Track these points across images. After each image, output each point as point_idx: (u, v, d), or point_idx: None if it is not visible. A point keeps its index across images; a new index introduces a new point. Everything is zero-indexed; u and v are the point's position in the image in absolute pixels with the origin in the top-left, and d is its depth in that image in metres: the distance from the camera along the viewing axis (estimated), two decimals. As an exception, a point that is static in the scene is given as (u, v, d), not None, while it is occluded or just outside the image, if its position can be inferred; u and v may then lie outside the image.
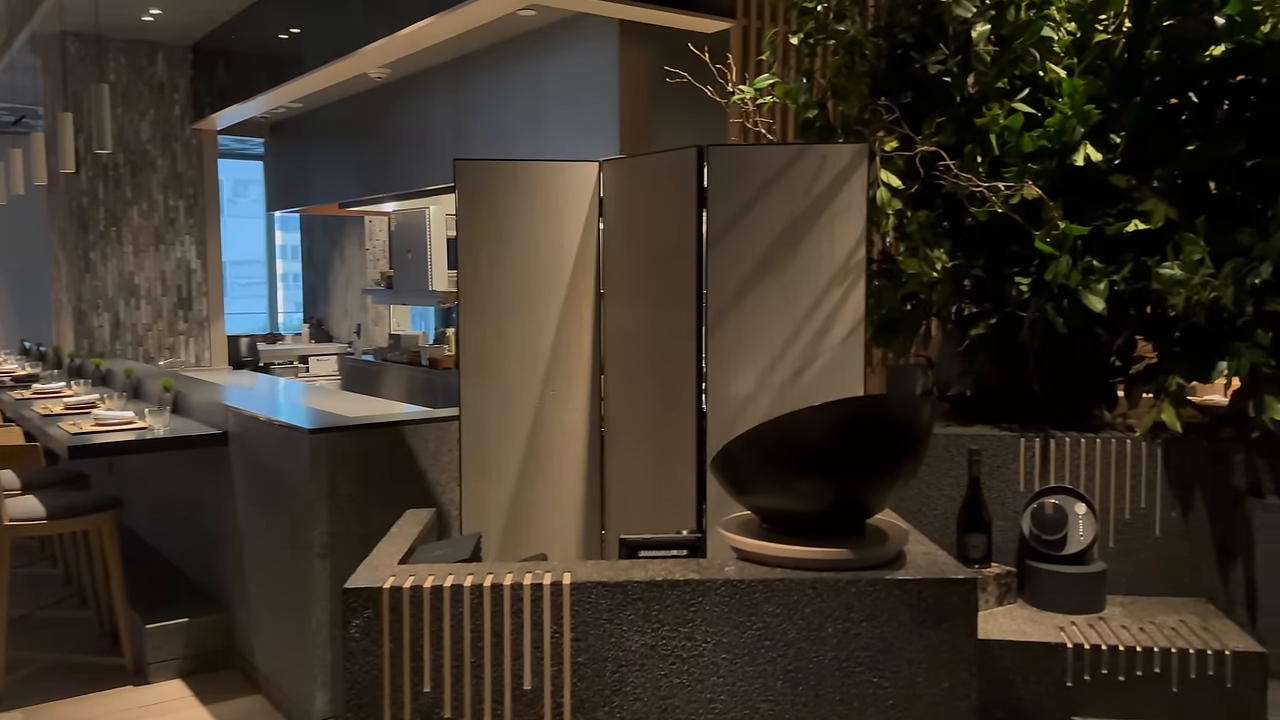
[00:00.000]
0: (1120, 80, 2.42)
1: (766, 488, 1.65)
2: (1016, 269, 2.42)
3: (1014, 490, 2.39)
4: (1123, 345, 2.66)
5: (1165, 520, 2.34)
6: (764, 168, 2.22)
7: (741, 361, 2.25)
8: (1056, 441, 2.38)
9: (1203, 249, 2.21)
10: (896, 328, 2.66)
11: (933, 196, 2.57)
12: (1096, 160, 2.34)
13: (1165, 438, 2.34)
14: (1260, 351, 2.20)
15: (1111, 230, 2.33)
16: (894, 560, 1.65)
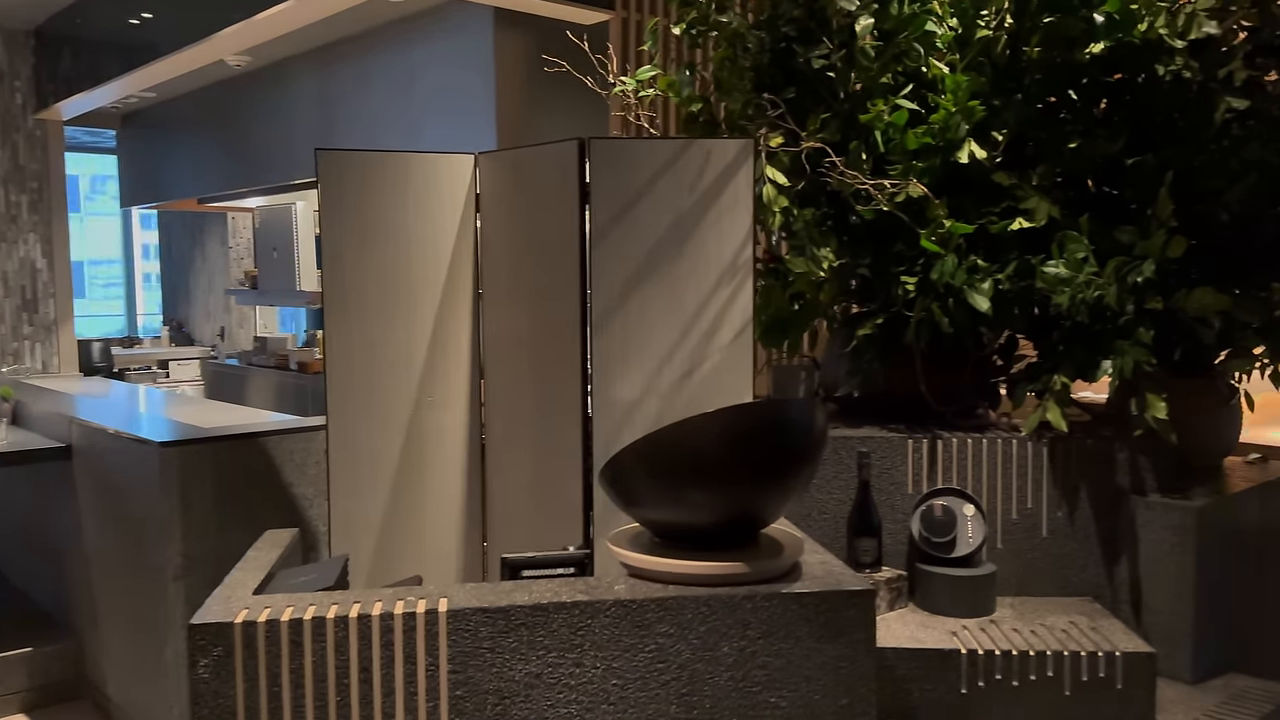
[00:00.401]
0: (1002, 77, 2.42)
1: (658, 500, 1.55)
2: (902, 268, 2.39)
3: (903, 493, 2.36)
4: (1005, 344, 2.67)
5: (1052, 520, 2.35)
6: (648, 162, 2.13)
7: (628, 364, 2.15)
8: (944, 442, 2.36)
9: (1086, 247, 2.23)
10: (785, 328, 2.61)
11: (819, 194, 2.53)
12: (981, 158, 2.33)
13: (1051, 437, 2.35)
14: (1142, 350, 2.22)
15: (996, 229, 2.33)
16: (790, 572, 1.58)
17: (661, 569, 1.52)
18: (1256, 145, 2.25)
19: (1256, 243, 2.38)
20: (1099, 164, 2.46)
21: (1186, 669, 2.18)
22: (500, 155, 2.32)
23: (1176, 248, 2.20)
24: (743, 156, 2.16)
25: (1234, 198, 2.28)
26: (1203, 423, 2.57)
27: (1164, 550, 2.23)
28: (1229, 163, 2.29)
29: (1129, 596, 2.29)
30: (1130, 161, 2.33)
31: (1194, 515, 2.19)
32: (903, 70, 2.46)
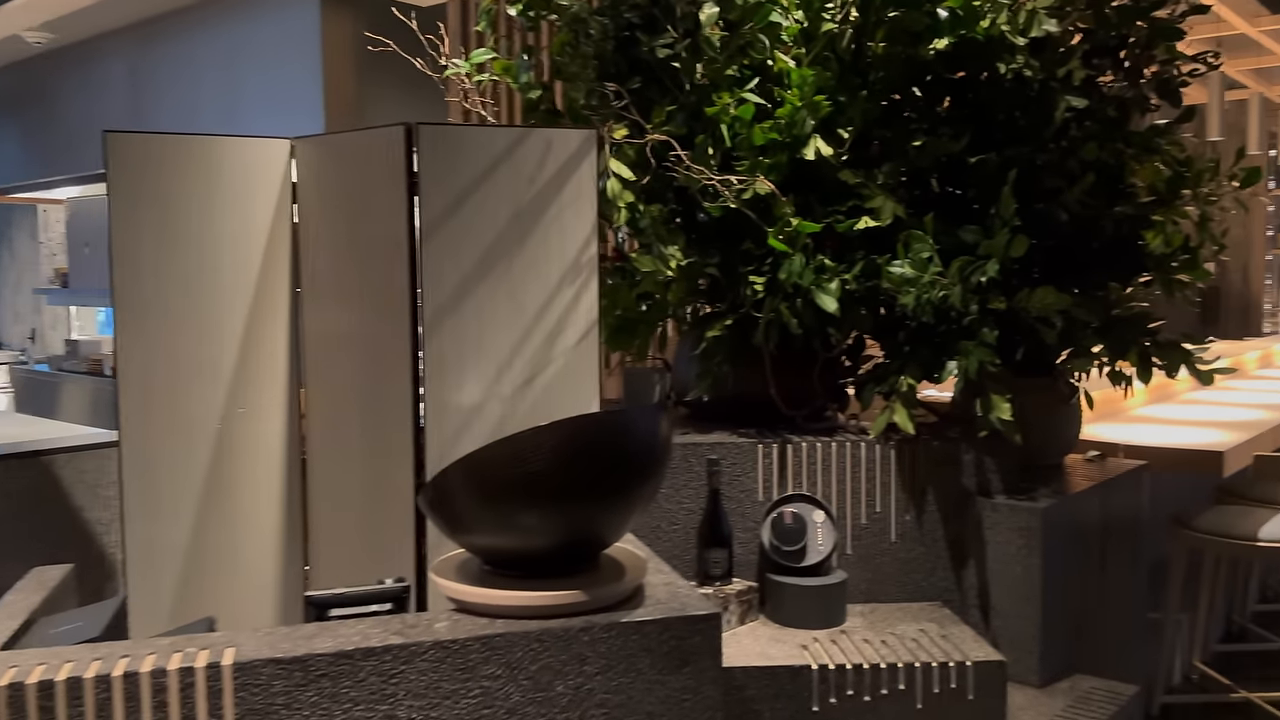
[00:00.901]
0: (848, 72, 2.37)
1: (485, 525, 1.40)
2: (751, 267, 2.31)
3: (754, 500, 2.28)
4: (853, 345, 2.63)
5: (901, 524, 2.31)
6: (483, 152, 1.97)
7: (465, 368, 1.99)
8: (794, 447, 2.29)
9: (931, 247, 2.19)
10: (633, 329, 2.49)
11: (666, 190, 2.42)
12: (827, 155, 2.27)
13: (898, 439, 2.31)
14: (986, 350, 2.20)
15: (842, 228, 2.27)
16: (632, 597, 1.45)
17: (488, 602, 1.37)
18: (1094, 146, 2.26)
19: (1094, 243, 2.41)
20: (943, 163, 2.44)
21: (1034, 672, 2.17)
22: (320, 141, 2.12)
23: (1019, 247, 2.19)
24: (586, 148, 2.03)
25: (1073, 198, 2.29)
26: (1045, 422, 2.59)
27: (1010, 552, 2.22)
28: (1068, 163, 2.30)
29: (977, 600, 2.27)
30: (973, 160, 2.32)
31: (1039, 516, 2.18)
32: (749, 63, 2.38)
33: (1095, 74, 2.34)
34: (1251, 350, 5.87)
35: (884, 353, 2.49)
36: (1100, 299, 2.40)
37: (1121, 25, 2.34)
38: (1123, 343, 2.41)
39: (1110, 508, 2.49)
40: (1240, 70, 6.23)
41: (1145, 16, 2.34)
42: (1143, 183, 2.40)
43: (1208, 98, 4.72)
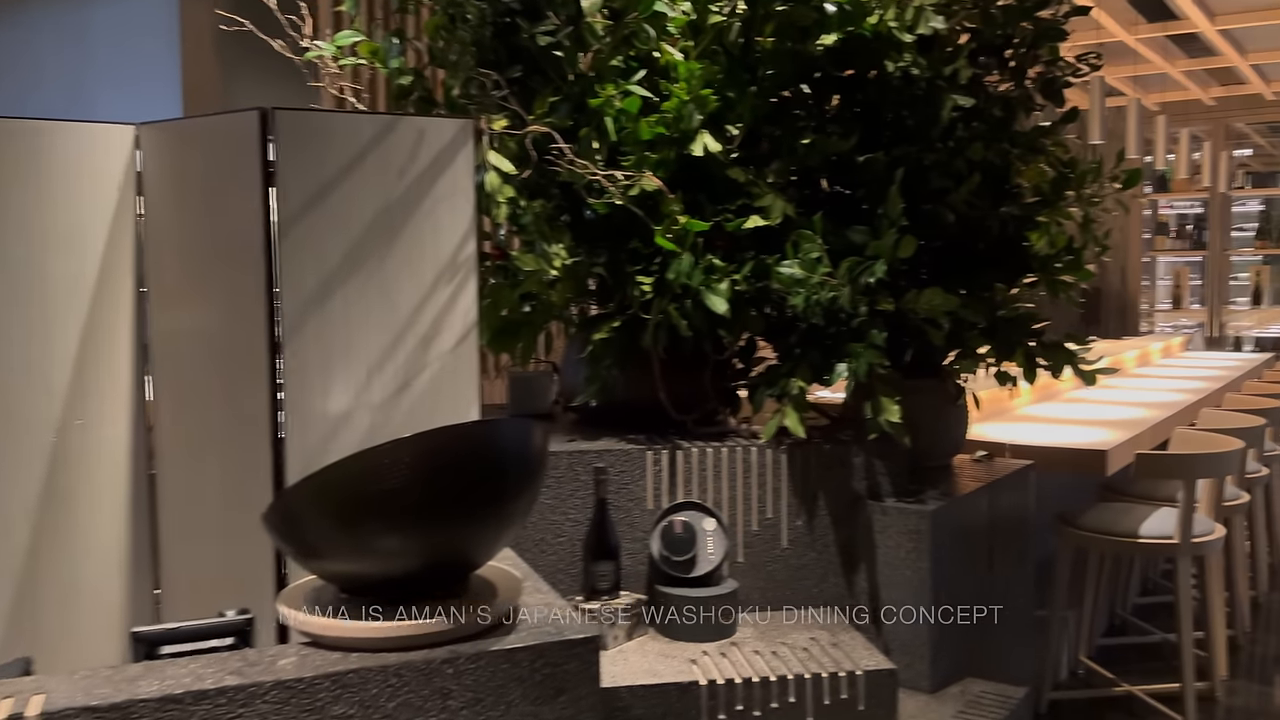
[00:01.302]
0: (736, 67, 2.31)
1: (339, 548, 1.27)
2: (638, 267, 2.23)
3: (643, 509, 2.20)
4: (745, 347, 2.58)
5: (792, 529, 2.26)
6: (348, 141, 1.84)
7: (331, 375, 1.85)
8: (684, 453, 2.22)
9: (820, 247, 2.14)
10: (516, 332, 2.38)
11: (550, 185, 2.32)
12: (715, 151, 2.20)
13: (789, 443, 2.26)
14: (875, 352, 2.17)
15: (731, 227, 2.21)
16: (504, 623, 1.35)
17: (341, 634, 1.25)
18: (980, 146, 2.25)
19: (981, 243, 2.41)
20: (833, 162, 2.40)
21: (925, 678, 2.14)
22: (167, 127, 1.95)
23: (907, 248, 2.16)
24: (461, 139, 1.92)
25: (960, 198, 2.27)
26: (933, 423, 2.58)
27: (900, 556, 2.19)
28: (955, 163, 2.29)
29: (869, 605, 2.24)
30: (862, 159, 2.28)
31: (928, 519, 2.16)
32: (635, 54, 2.30)
33: (982, 73, 2.34)
34: (1130, 349, 6.08)
35: (776, 355, 2.44)
36: (987, 300, 2.40)
37: (1007, 25, 2.34)
38: (1009, 343, 2.41)
39: (998, 508, 2.49)
40: (1119, 78, 6.46)
41: (1030, 17, 2.34)
42: (1028, 184, 2.41)
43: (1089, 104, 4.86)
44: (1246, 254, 8.69)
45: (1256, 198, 9.04)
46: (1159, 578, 4.49)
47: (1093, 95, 4.61)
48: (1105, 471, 2.95)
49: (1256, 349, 8.44)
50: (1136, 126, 4.98)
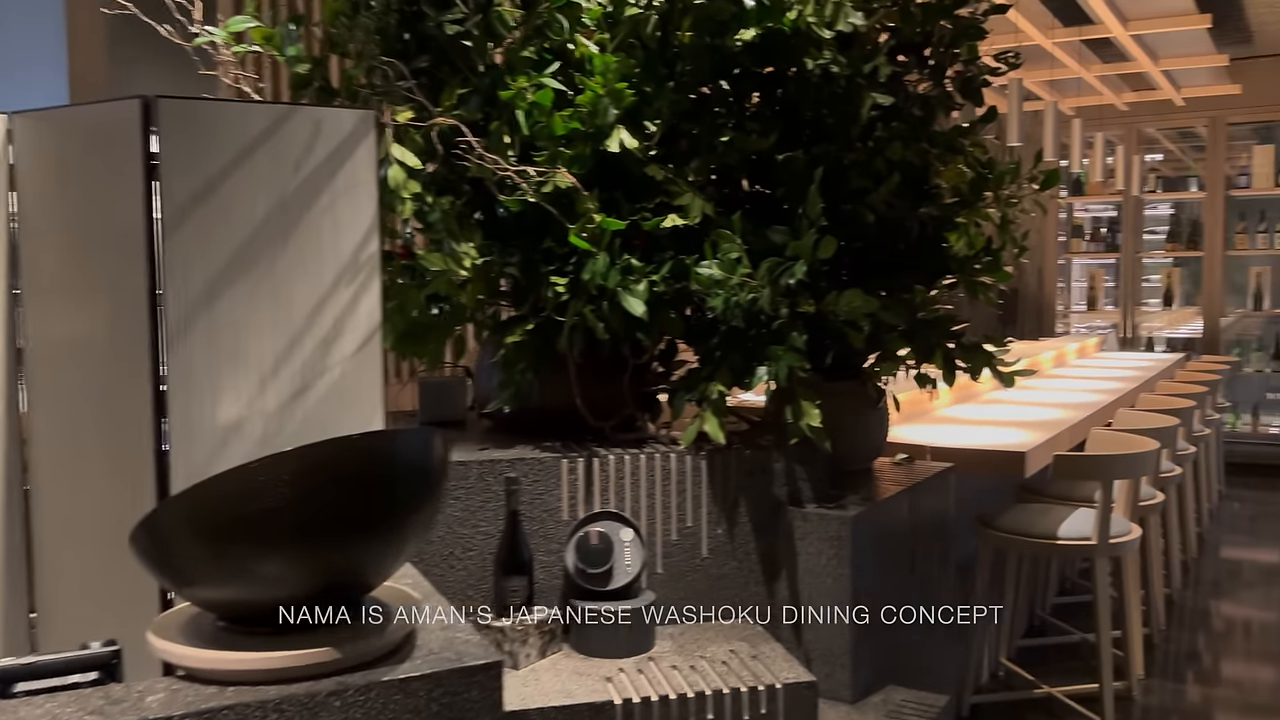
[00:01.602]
0: (654, 62, 2.25)
1: (214, 574, 1.18)
2: (553, 267, 2.15)
3: (558, 519, 2.12)
4: (665, 350, 2.52)
5: (712, 538, 2.20)
6: (238, 132, 1.73)
7: (219, 380, 1.74)
8: (601, 461, 2.15)
9: (739, 247, 2.10)
10: (424, 335, 2.28)
11: (461, 181, 2.23)
12: (632, 147, 2.14)
13: (709, 449, 2.20)
14: (796, 355, 2.13)
15: (649, 226, 2.15)
16: (398, 649, 1.26)
17: (217, 666, 1.15)
18: (899, 145, 2.23)
19: (901, 244, 2.39)
20: (753, 160, 2.36)
21: (847, 687, 2.11)
22: (43, 117, 1.81)
23: (827, 249, 2.12)
24: (362, 130, 1.83)
25: (879, 198, 2.25)
26: (854, 426, 2.56)
27: (821, 564, 2.15)
28: (874, 162, 2.26)
29: (790, 615, 2.19)
30: (781, 158, 2.24)
31: (849, 525, 2.12)
32: (549, 46, 2.23)
33: (901, 72, 2.31)
34: (1047, 350, 6.19)
35: (697, 358, 2.39)
36: (907, 301, 2.38)
37: (926, 23, 2.32)
38: (928, 345, 2.40)
39: (919, 511, 2.48)
40: (1036, 82, 6.58)
41: (948, 15, 2.33)
42: (947, 184, 2.40)
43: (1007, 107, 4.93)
44: (1158, 256, 8.94)
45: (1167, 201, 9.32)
46: (1076, 576, 4.56)
47: (1011, 99, 4.68)
48: (1024, 473, 2.97)
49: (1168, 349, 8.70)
50: (1054, 130, 5.07)
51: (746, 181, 2.50)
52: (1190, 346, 8.48)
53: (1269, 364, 8.10)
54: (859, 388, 2.57)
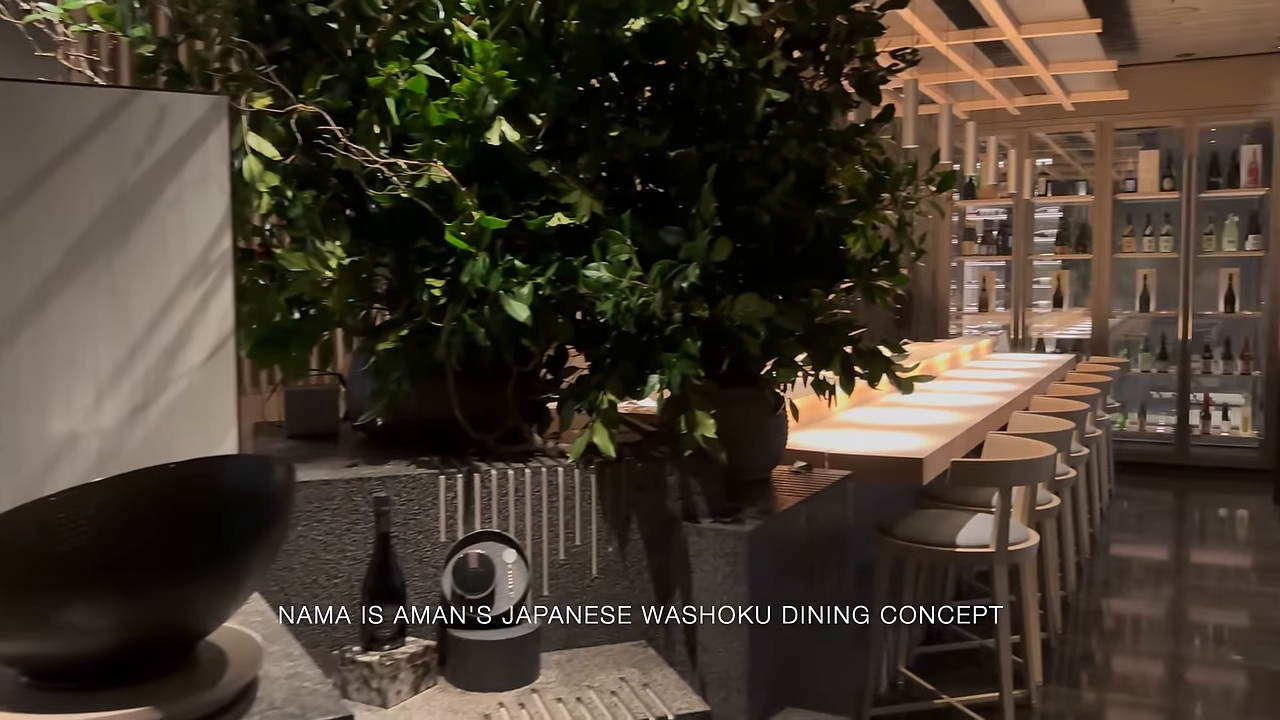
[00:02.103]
0: (539, 51, 2.14)
1: (13, 626, 1.02)
2: (428, 268, 2.03)
3: (435, 541, 2.00)
4: (555, 356, 2.42)
5: (603, 557, 2.11)
6: (71, 118, 1.57)
7: (49, 393, 1.57)
8: (482, 476, 2.03)
9: (629, 249, 2.00)
10: (286, 341, 2.13)
11: (328, 174, 2.09)
12: (513, 140, 2.03)
13: (599, 462, 2.10)
14: (689, 362, 2.04)
15: (532, 225, 2.04)
16: (234, 704, 1.13)
17: (11, 734, 1.00)
18: (795, 144, 2.17)
19: (797, 247, 2.33)
20: (646, 157, 2.27)
21: (743, 712, 2.03)
22: None
23: (721, 250, 2.05)
24: (213, 118, 1.67)
25: (774, 199, 2.18)
26: (752, 435, 2.50)
27: (716, 581, 2.07)
28: (770, 161, 2.20)
29: (684, 637, 2.11)
30: (673, 155, 2.16)
31: (745, 541, 2.05)
32: (424, 31, 2.10)
33: (797, 67, 2.26)
34: (942, 352, 6.29)
35: (589, 365, 2.29)
36: (804, 306, 2.32)
37: (822, 17, 2.27)
38: (826, 351, 2.35)
39: (817, 522, 2.42)
40: (931, 85, 6.69)
41: (845, 10, 2.28)
42: (844, 185, 2.35)
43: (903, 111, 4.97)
44: (1048, 259, 9.21)
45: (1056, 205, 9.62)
46: (974, 580, 4.62)
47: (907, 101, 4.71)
48: (922, 480, 2.96)
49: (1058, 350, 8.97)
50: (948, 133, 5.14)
51: (640, 180, 2.41)
52: (1079, 348, 8.76)
53: (1155, 364, 8.42)
54: (757, 395, 2.51)
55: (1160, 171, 8.31)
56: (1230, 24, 6.80)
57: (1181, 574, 5.57)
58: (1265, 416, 7.90)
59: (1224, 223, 8.16)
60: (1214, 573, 5.71)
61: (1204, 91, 7.93)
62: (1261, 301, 8.17)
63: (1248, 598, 5.06)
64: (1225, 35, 7.16)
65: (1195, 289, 8.20)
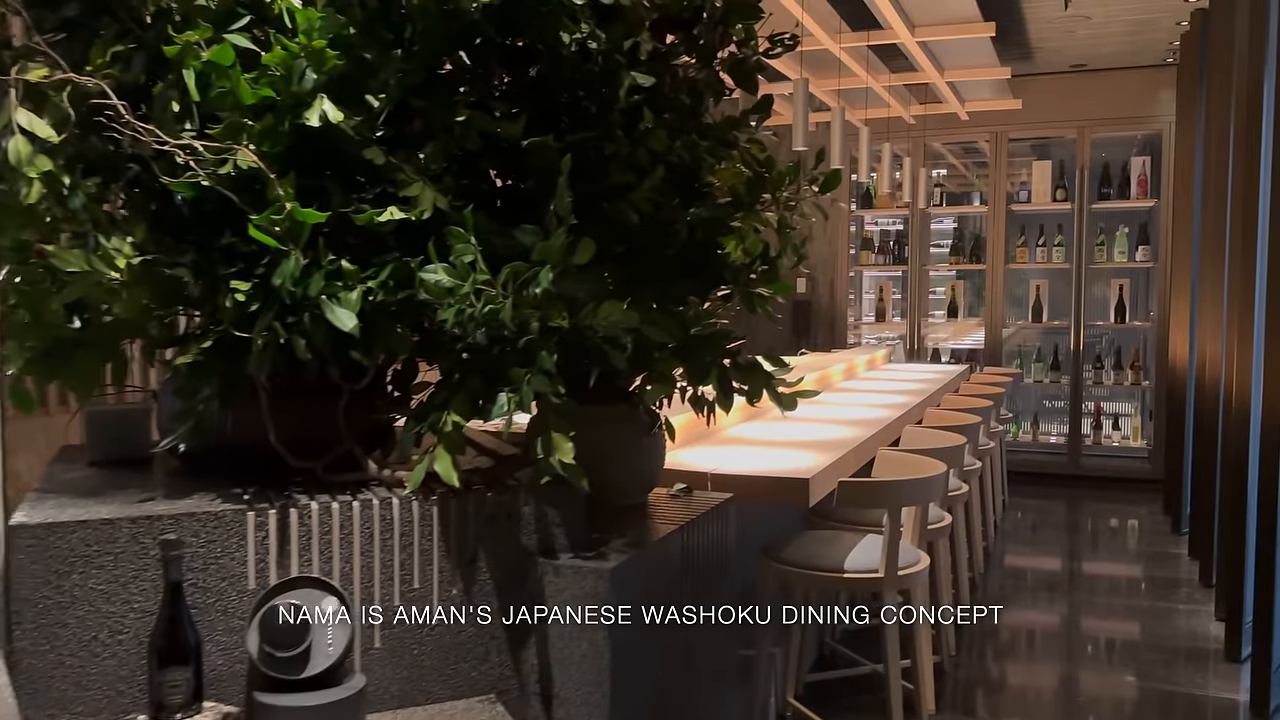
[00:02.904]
0: (375, 23, 1.91)
1: None
2: (235, 269, 1.77)
3: (243, 590, 1.74)
4: (404, 370, 2.18)
5: (445, 601, 1.88)
6: None
7: None
8: (300, 512, 1.78)
9: (474, 248, 1.79)
10: (69, 354, 1.84)
11: (121, 159, 1.82)
12: (338, 121, 1.79)
13: (443, 492, 1.88)
14: (544, 378, 1.83)
15: (361, 220, 1.80)
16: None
17: None
18: (663, 135, 1.98)
19: (670, 250, 2.14)
20: (505, 149, 2.06)
21: (604, 773, 1.83)
22: None
23: (584, 253, 1.84)
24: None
25: (643, 196, 1.99)
26: (625, 457, 2.31)
27: (577, 626, 1.86)
28: (638, 154, 2.01)
29: (538, 689, 1.90)
30: (525, 144, 1.95)
31: (606, 579, 1.85)
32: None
33: (667, 51, 2.07)
34: (838, 363, 6.22)
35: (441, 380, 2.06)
36: (678, 315, 2.14)
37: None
38: (702, 365, 2.17)
39: (696, 551, 2.24)
40: (824, 90, 6.62)
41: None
42: (722, 183, 2.18)
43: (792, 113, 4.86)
44: (943, 269, 9.30)
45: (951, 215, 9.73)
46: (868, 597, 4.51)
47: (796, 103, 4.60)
48: (808, 503, 2.80)
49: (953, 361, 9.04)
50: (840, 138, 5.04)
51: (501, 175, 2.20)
52: (974, 358, 8.85)
53: (1048, 374, 8.55)
54: (629, 413, 2.32)
55: (1053, 182, 8.45)
56: (1122, 34, 6.93)
57: (1075, 589, 5.59)
58: (1155, 427, 8.08)
59: (1115, 234, 8.34)
60: (1106, 586, 5.75)
61: (1096, 102, 8.09)
62: (1151, 312, 8.37)
63: (1140, 613, 5.08)
64: (1117, 46, 7.30)
65: (1087, 299, 8.36)
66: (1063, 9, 5.91)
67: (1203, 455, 5.43)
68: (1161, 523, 6.86)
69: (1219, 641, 4.37)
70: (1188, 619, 4.82)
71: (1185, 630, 4.66)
